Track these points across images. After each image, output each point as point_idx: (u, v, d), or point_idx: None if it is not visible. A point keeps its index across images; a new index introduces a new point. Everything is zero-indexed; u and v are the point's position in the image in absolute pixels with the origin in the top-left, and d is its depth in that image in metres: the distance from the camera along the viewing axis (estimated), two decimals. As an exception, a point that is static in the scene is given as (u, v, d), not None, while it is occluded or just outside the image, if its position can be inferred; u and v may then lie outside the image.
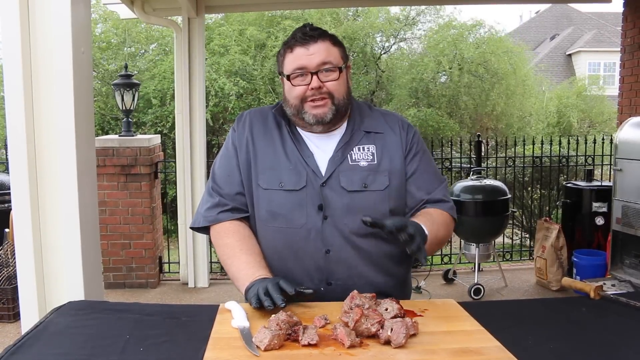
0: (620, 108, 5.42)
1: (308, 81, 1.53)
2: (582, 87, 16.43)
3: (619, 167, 4.17)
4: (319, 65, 1.53)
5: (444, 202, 1.63)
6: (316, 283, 1.56)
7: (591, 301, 1.55)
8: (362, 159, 1.58)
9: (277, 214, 1.57)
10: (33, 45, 1.61)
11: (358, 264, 1.56)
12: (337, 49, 1.58)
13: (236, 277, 1.52)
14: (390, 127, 1.65)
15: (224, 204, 1.62)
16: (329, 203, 1.55)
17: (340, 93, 1.56)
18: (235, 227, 1.60)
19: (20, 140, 1.62)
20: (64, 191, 1.66)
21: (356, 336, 1.20)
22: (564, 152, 6.34)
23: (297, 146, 1.60)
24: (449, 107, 12.03)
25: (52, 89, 1.63)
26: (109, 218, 4.82)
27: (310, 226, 1.54)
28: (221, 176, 1.65)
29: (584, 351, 1.22)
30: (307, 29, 1.57)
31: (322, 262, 1.55)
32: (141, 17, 4.87)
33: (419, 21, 13.11)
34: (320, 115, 1.55)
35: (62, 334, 1.33)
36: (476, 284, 4.60)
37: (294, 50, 1.55)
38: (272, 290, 1.34)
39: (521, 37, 21.83)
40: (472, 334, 1.28)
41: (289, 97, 1.58)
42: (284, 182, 1.56)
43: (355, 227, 1.53)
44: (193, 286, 4.99)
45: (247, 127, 1.65)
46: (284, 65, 1.58)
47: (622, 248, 4.20)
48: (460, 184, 4.83)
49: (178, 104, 4.93)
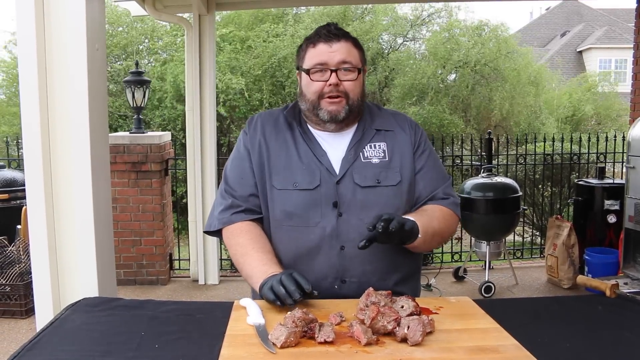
0: (633, 105, 5.36)
1: (327, 77, 1.56)
2: (594, 83, 16.29)
3: (631, 164, 4.13)
4: (340, 63, 1.56)
5: (445, 198, 1.66)
6: (330, 281, 1.57)
7: (607, 299, 1.54)
8: (374, 156, 1.61)
9: (292, 213, 1.58)
10: (48, 42, 1.61)
11: (372, 260, 1.57)
12: (358, 51, 1.62)
13: (249, 275, 1.53)
14: (400, 126, 1.69)
15: (237, 206, 1.63)
16: (344, 200, 1.57)
17: (355, 94, 1.59)
18: (248, 227, 1.62)
19: (35, 137, 1.62)
20: (78, 188, 1.66)
21: (372, 334, 1.19)
22: (575, 149, 6.29)
23: (309, 146, 1.62)
24: (455, 105, 11.98)
25: (67, 86, 1.63)
26: (119, 215, 4.84)
27: (326, 224, 1.56)
28: (234, 178, 1.66)
29: (601, 349, 1.21)
30: (331, 27, 1.60)
31: (336, 259, 1.56)
32: (152, 14, 4.88)
33: (429, 22, 13.06)
34: (335, 112, 1.58)
35: (77, 331, 1.34)
36: (487, 282, 4.58)
37: (316, 46, 1.58)
38: (286, 282, 1.35)
39: (531, 34, 21.73)
40: (488, 331, 1.27)
41: (306, 92, 1.61)
42: (298, 182, 1.58)
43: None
44: (203, 283, 5.00)
45: (259, 130, 1.67)
46: (305, 59, 1.60)
47: (635, 246, 4.16)
48: (471, 182, 4.81)
49: (189, 101, 4.94)
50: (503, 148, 6.48)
